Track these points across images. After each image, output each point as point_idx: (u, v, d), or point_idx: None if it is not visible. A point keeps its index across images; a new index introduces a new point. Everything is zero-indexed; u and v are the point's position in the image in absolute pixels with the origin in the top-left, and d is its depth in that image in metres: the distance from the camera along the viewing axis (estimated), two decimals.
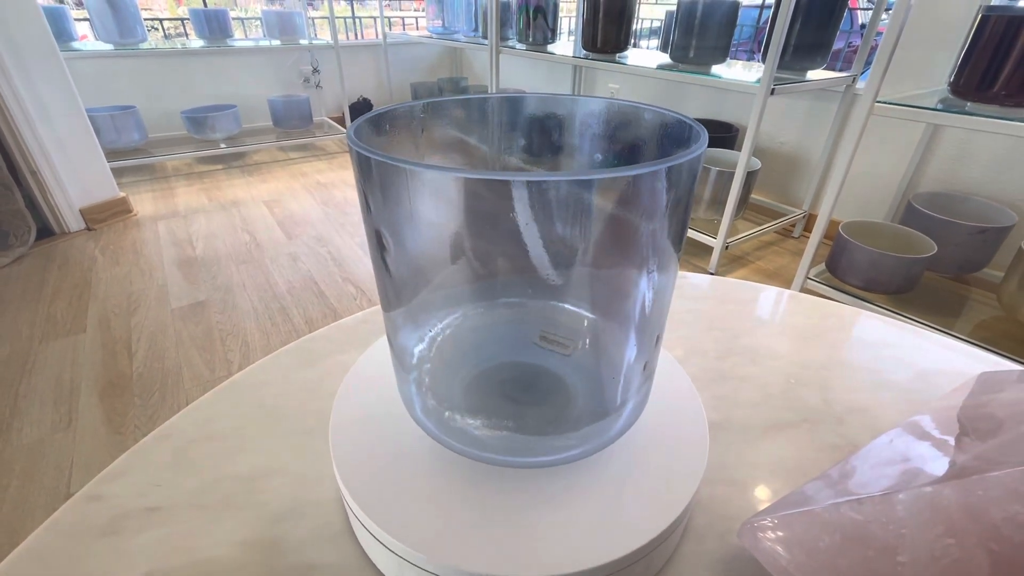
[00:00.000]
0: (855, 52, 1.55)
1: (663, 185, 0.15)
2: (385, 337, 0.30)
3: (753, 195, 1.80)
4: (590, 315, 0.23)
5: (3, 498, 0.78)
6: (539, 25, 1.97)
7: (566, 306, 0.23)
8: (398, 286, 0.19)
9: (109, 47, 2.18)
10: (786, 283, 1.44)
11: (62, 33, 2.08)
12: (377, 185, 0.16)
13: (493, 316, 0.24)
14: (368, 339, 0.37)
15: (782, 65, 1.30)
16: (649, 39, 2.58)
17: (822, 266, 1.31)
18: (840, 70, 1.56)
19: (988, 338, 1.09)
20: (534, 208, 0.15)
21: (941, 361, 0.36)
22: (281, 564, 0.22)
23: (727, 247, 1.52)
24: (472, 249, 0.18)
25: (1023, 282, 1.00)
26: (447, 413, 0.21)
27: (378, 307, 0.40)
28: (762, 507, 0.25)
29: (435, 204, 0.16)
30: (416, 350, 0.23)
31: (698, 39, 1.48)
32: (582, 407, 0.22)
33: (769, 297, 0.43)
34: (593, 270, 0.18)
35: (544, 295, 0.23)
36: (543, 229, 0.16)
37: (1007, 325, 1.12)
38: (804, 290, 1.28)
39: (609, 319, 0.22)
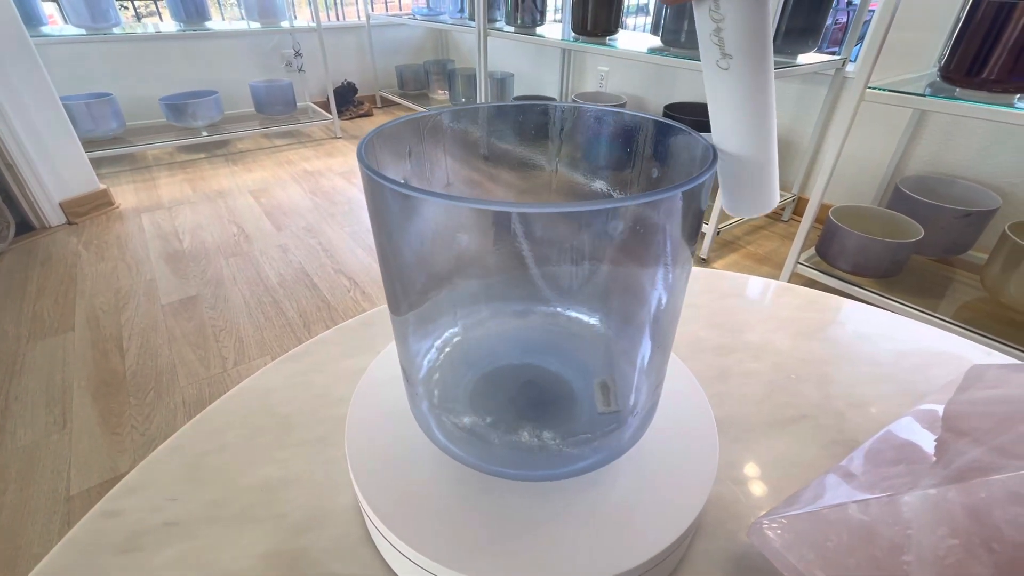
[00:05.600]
0: (842, 30, 1.54)
1: (679, 205, 0.16)
2: (391, 345, 0.30)
3: None
4: (604, 326, 0.23)
5: (1, 503, 0.78)
6: (527, 7, 1.93)
7: (581, 317, 0.24)
8: (411, 300, 0.19)
9: (81, 31, 2.09)
10: (777, 267, 1.46)
11: (30, 16, 1.99)
12: (394, 215, 0.16)
13: (501, 328, 0.24)
14: (373, 343, 0.37)
15: (774, 49, 1.29)
16: (636, 16, 2.52)
17: (812, 250, 1.32)
18: (827, 50, 1.55)
19: (971, 319, 1.12)
20: (540, 238, 0.15)
21: (937, 352, 0.37)
22: None
23: (719, 232, 1.53)
24: (480, 266, 0.18)
25: (1006, 264, 1.03)
26: (461, 431, 0.22)
27: (378, 309, 0.40)
28: (769, 504, 0.26)
29: (440, 228, 0.16)
30: (424, 362, 0.23)
31: (690, 22, 1.46)
32: (597, 419, 0.22)
33: (769, 291, 0.44)
34: (607, 284, 0.18)
35: (556, 306, 0.23)
36: (554, 252, 0.16)
37: (990, 306, 1.15)
38: (795, 275, 1.30)
39: (624, 329, 0.22)
